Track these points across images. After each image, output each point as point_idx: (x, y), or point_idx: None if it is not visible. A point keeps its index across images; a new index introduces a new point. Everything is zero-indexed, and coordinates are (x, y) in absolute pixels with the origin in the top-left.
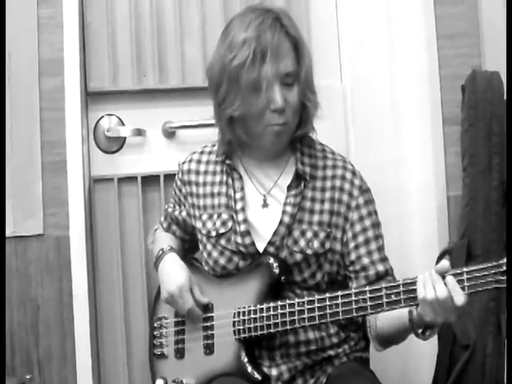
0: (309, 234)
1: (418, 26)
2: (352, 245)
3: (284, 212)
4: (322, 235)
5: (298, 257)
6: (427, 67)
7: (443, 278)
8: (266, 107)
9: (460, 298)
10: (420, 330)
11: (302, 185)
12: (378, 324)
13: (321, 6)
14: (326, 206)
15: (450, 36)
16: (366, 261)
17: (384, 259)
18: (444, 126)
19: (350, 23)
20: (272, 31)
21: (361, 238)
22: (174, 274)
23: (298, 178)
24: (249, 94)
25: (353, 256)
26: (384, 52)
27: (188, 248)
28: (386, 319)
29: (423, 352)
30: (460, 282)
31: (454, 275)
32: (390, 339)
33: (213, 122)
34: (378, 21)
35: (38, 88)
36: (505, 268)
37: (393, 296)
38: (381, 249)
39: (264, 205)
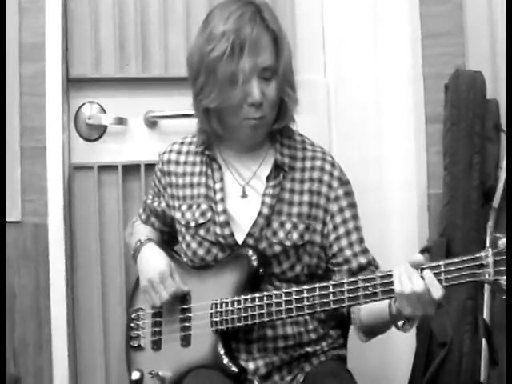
0: (288, 226)
1: (403, 24)
2: (333, 236)
3: (263, 203)
4: (301, 227)
5: (277, 248)
6: (411, 65)
7: (421, 270)
8: (243, 101)
9: (437, 291)
10: (400, 323)
11: (281, 176)
12: (362, 316)
13: (306, 1)
14: (305, 197)
15: (435, 35)
16: (348, 253)
17: (365, 251)
18: (426, 124)
19: (335, 19)
20: (251, 24)
21: (341, 230)
22: (153, 261)
23: (277, 168)
24: (225, 86)
25: (335, 248)
26: (369, 49)
27: (167, 240)
28: (369, 311)
29: (401, 349)
30: (437, 274)
31: (432, 268)
32: (373, 330)
33: None
34: (364, 17)
35: (19, 73)
36: (482, 262)
37: (370, 288)
38: (362, 240)
39: (243, 195)
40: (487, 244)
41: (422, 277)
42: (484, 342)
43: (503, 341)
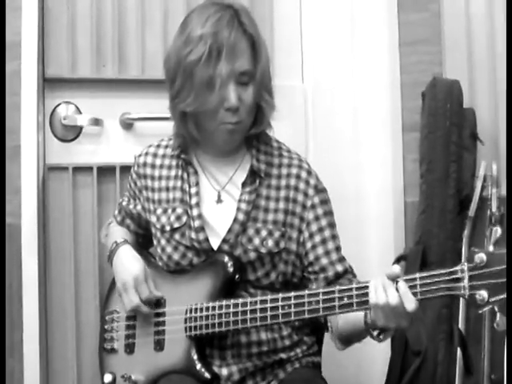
0: (263, 233)
1: (381, 31)
2: (309, 245)
3: (238, 209)
4: (276, 234)
5: (252, 255)
6: (389, 73)
7: (396, 283)
8: (219, 105)
9: (411, 304)
10: (376, 333)
11: (257, 182)
12: (339, 324)
13: (285, 6)
14: (281, 205)
15: (413, 43)
16: (324, 261)
17: (342, 259)
18: (403, 132)
19: (313, 25)
20: (229, 29)
21: (317, 238)
22: (128, 264)
23: (253, 174)
24: (202, 90)
25: (311, 257)
26: (346, 55)
27: (142, 242)
28: (345, 320)
29: (375, 357)
30: (413, 287)
31: (407, 281)
32: (350, 339)
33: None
34: (342, 24)
35: None
36: (457, 276)
37: (345, 299)
38: (338, 249)
39: (218, 200)
40: (463, 255)
41: (397, 289)
42: (459, 350)
43: (478, 350)
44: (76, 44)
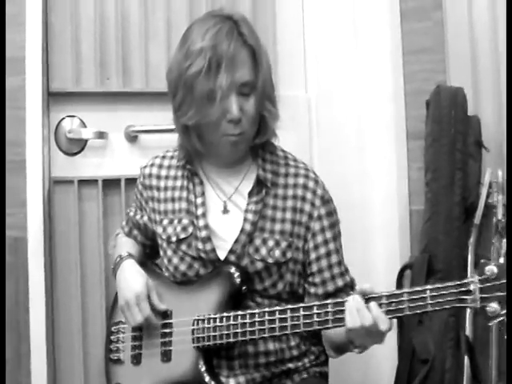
0: (270, 243)
1: (384, 40)
2: (313, 256)
3: (245, 219)
4: (283, 244)
5: (259, 265)
6: (392, 82)
7: (368, 302)
8: (221, 117)
9: (384, 324)
10: (356, 350)
11: (264, 192)
12: (330, 334)
13: (287, 17)
14: (288, 215)
15: (416, 51)
16: (326, 275)
17: (343, 273)
18: (408, 140)
19: (316, 34)
20: (228, 40)
21: (322, 250)
22: (131, 280)
23: (259, 184)
24: (203, 103)
25: (314, 267)
26: (350, 64)
27: (149, 253)
28: (335, 331)
29: (382, 365)
30: (423, 299)
31: (418, 292)
32: (341, 348)
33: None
34: (345, 33)
35: None
36: (468, 288)
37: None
38: (341, 262)
39: (224, 211)
40: (468, 263)
41: (369, 309)
42: (466, 358)
43: (485, 357)
44: (80, 57)
